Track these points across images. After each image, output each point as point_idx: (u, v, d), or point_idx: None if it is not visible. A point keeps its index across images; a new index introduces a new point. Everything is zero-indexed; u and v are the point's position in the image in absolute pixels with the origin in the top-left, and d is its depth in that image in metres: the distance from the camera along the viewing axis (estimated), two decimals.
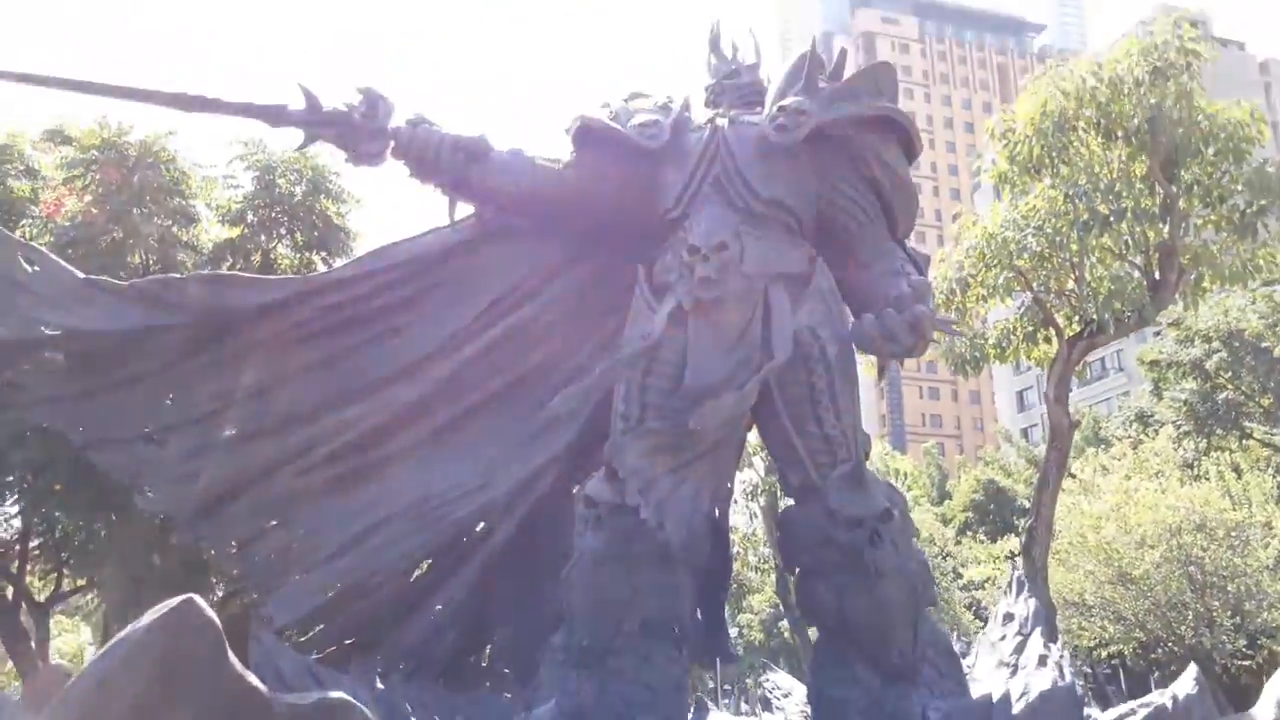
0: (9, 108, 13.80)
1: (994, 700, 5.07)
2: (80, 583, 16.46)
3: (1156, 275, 13.84)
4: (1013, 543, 24.84)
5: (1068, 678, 5.38)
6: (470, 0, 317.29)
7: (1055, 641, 6.50)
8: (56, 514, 13.51)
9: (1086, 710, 5.36)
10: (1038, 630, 6.31)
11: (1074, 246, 13.23)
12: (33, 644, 15.62)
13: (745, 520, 26.06)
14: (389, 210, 14.18)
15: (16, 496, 13.84)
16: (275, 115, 5.62)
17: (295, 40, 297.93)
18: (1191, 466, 25.47)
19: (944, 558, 31.76)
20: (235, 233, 14.40)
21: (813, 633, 6.36)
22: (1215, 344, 27.24)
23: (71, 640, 31.90)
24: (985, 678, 6.10)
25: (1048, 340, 15.12)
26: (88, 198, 13.09)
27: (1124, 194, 12.86)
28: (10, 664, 19.04)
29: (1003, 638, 6.48)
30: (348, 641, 5.96)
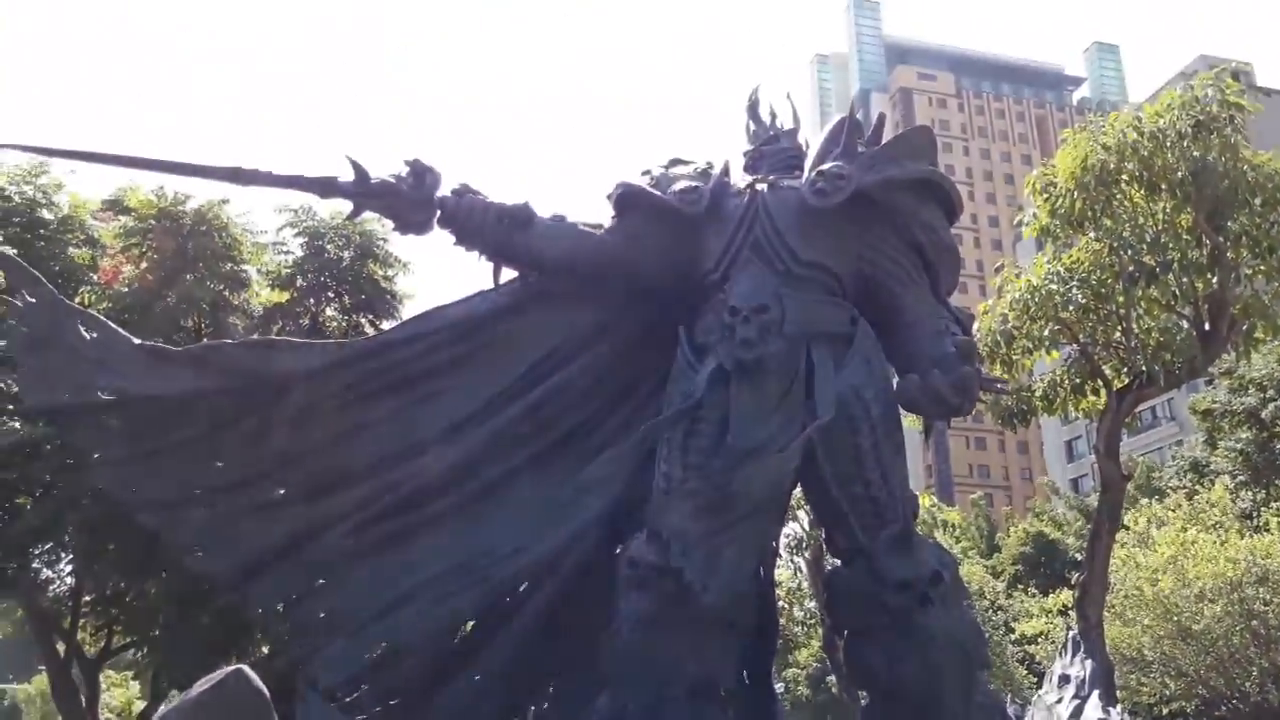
0: (72, 178, 14.31)
1: None
2: (130, 639, 16.61)
3: (1207, 326, 13.62)
4: (1066, 596, 24.26)
5: None
6: (471, 1, 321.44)
7: (1114, 705, 6.34)
8: (108, 573, 13.75)
9: None
10: (1095, 693, 6.15)
11: (1120, 299, 13.09)
12: (83, 700, 15.76)
13: (790, 574, 25.74)
14: (436, 272, 14.58)
15: (70, 556, 14.12)
16: (325, 187, 5.79)
17: (293, 40, 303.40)
18: (1250, 517, 24.83)
19: (995, 611, 31.06)
20: (285, 297, 14.81)
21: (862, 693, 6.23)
22: (1270, 393, 26.66)
23: (120, 694, 32.09)
24: None
25: (1095, 392, 14.90)
26: (144, 264, 13.54)
27: (1170, 246, 12.74)
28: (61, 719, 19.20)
29: (1059, 700, 6.33)
30: (392, 702, 5.93)
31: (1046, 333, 14.01)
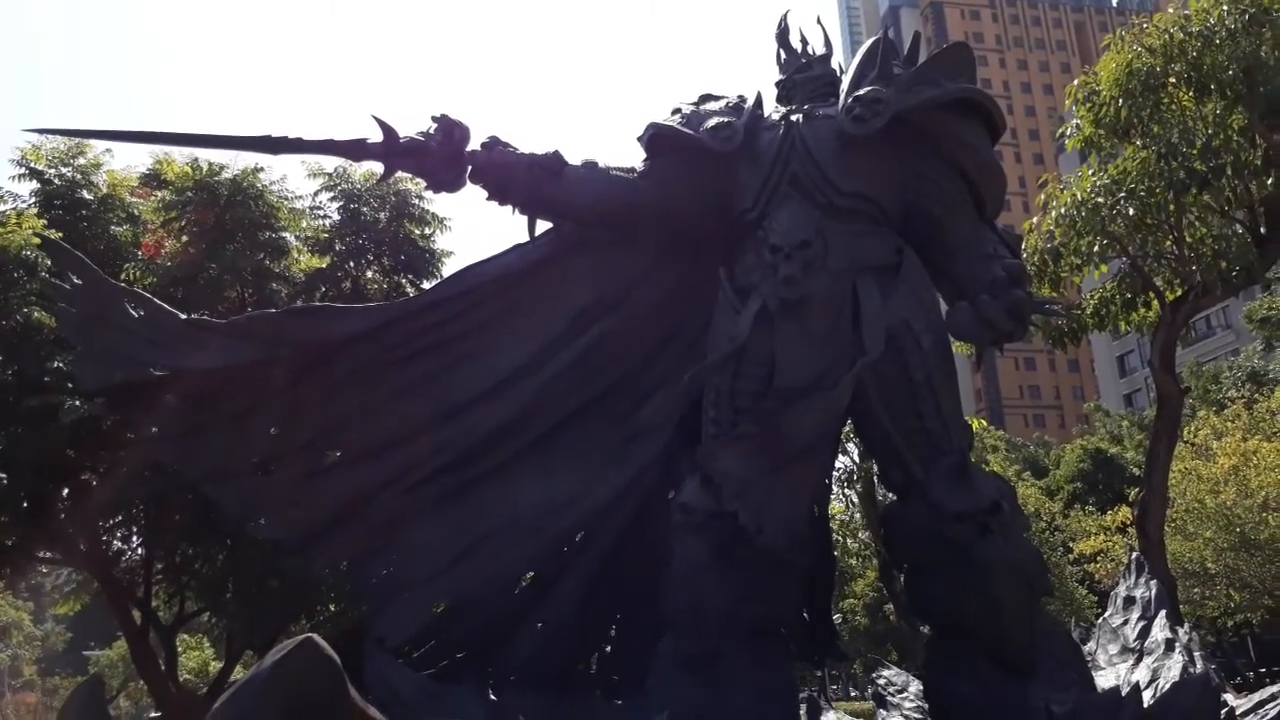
0: (108, 157, 14.38)
1: (1123, 694, 4.88)
2: (201, 605, 17.10)
3: (1263, 230, 13.20)
4: (1124, 512, 24.06)
5: (1199, 665, 5.16)
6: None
7: (1180, 624, 6.25)
8: (176, 543, 14.13)
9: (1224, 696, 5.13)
10: (1162, 613, 6.07)
11: (1171, 207, 12.69)
12: (162, 664, 16.31)
13: (842, 507, 25.78)
14: (476, 228, 14.52)
15: (139, 528, 14.52)
16: (355, 150, 5.76)
17: (292, 38, 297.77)
18: None
19: (1052, 531, 30.90)
20: (325, 262, 14.84)
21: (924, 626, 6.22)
22: None
23: (196, 657, 33.18)
24: (1108, 666, 5.91)
25: (1147, 305, 14.56)
26: (185, 238, 13.63)
27: (1222, 149, 12.27)
28: (142, 683, 19.92)
29: (1125, 622, 6.26)
30: (459, 656, 6.03)
31: (1095, 247, 13.65)
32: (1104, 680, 5.49)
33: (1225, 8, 12.34)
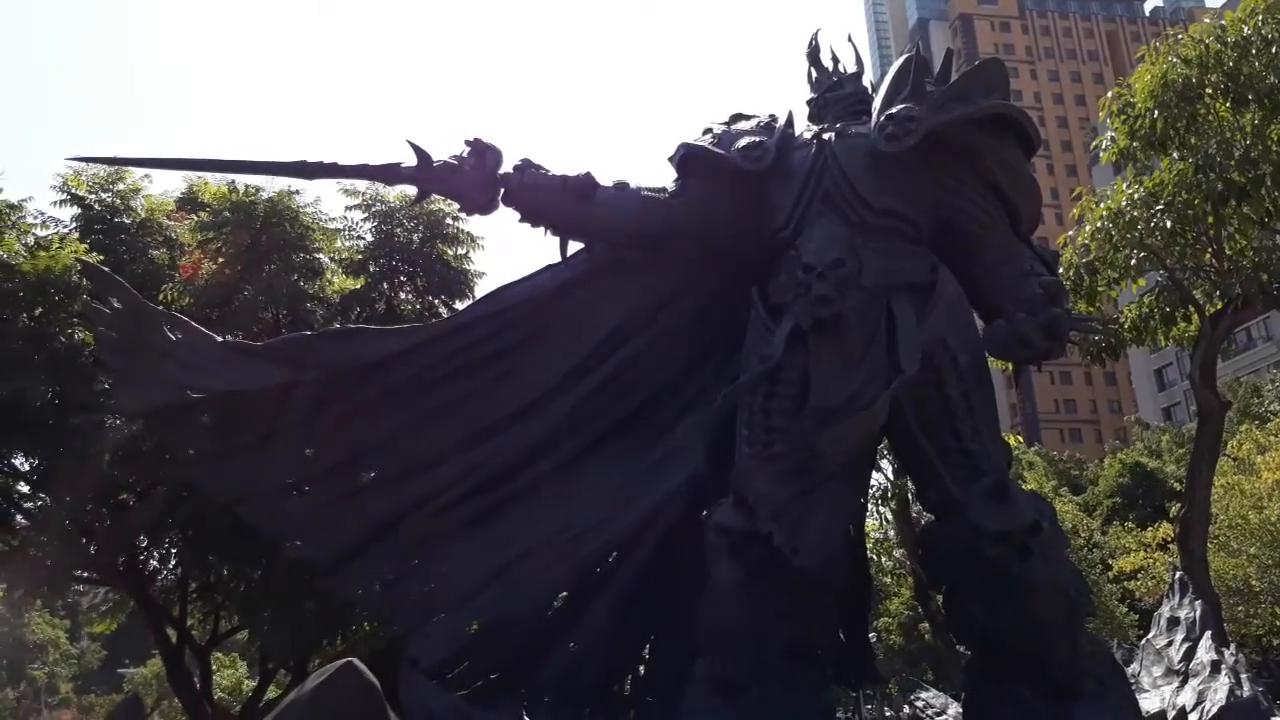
0: (146, 182, 14.65)
1: (1168, 717, 4.79)
2: (235, 624, 17.21)
3: None
4: (1166, 529, 23.66)
5: (1246, 687, 5.05)
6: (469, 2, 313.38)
7: (1226, 645, 6.13)
8: (211, 560, 14.26)
9: None
10: (1207, 635, 5.96)
11: (1210, 219, 12.51)
12: (197, 683, 16.43)
13: (876, 525, 25.52)
14: (509, 247, 14.62)
15: (176, 549, 14.67)
16: (390, 174, 5.83)
17: (294, 41, 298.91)
18: None
19: (1090, 549, 30.41)
20: (359, 283, 14.98)
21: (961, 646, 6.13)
22: None
23: (230, 675, 33.38)
24: (1152, 689, 5.80)
25: (1186, 319, 14.34)
26: (221, 260, 13.81)
27: (1261, 160, 12.10)
28: (176, 700, 20.07)
29: (1169, 643, 6.16)
30: (492, 677, 6.02)
31: (1133, 261, 13.50)
32: (1149, 703, 5.40)
33: (1261, 17, 12.20)
